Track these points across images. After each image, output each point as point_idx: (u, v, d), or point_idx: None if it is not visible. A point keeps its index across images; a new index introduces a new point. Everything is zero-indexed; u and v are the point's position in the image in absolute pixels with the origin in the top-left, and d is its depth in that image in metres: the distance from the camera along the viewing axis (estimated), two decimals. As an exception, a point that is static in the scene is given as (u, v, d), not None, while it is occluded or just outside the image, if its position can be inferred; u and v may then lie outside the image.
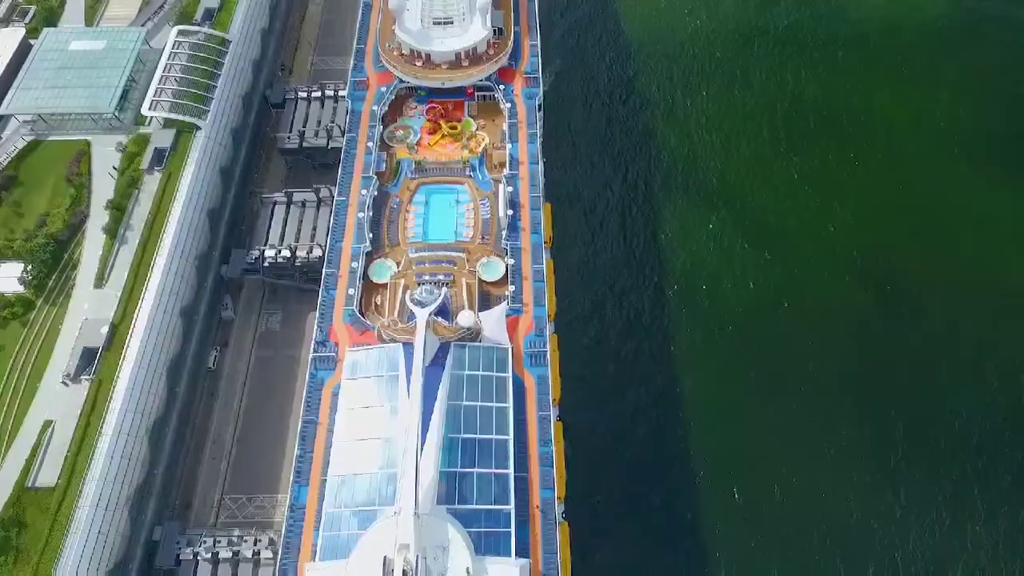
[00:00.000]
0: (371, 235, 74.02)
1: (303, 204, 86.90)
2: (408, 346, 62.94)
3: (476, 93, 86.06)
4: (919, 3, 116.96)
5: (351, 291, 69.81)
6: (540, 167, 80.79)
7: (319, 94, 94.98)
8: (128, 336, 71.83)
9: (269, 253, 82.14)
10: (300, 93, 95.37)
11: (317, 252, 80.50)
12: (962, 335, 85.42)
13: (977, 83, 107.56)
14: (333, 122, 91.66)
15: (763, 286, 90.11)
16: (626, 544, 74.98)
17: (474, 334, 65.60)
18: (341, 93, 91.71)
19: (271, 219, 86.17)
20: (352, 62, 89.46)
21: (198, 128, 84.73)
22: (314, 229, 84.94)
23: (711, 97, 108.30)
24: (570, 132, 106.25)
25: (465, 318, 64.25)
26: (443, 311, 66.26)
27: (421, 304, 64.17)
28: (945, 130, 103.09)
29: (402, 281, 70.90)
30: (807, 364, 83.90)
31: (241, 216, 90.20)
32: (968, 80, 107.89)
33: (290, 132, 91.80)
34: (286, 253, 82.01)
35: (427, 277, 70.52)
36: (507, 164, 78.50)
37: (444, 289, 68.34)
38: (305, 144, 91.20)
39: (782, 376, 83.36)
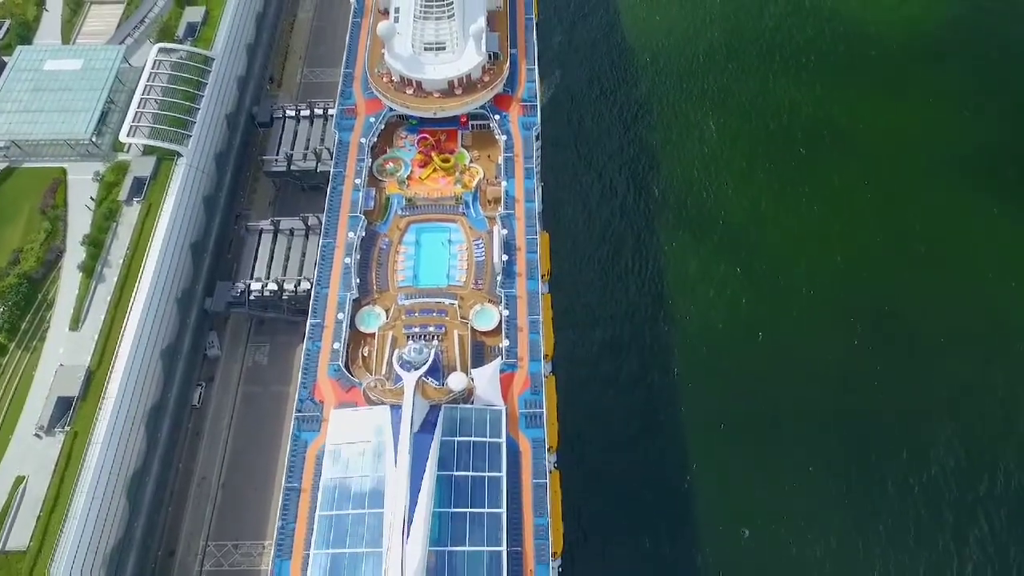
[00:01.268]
0: (358, 280, 70.12)
1: (291, 232, 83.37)
2: (396, 409, 59.55)
3: (470, 121, 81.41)
4: (941, 21, 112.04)
5: (336, 345, 66.03)
6: (537, 199, 76.68)
7: (308, 112, 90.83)
8: (105, 384, 68.78)
9: (255, 287, 78.94)
10: (288, 111, 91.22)
11: (305, 285, 77.14)
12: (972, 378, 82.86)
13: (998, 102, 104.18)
14: (322, 143, 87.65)
15: (773, 331, 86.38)
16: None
17: (466, 395, 62.09)
18: (330, 111, 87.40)
19: (257, 249, 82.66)
20: (339, 87, 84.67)
21: (179, 155, 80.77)
22: (303, 257, 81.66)
23: (723, 116, 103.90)
24: (576, 153, 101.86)
25: (456, 381, 60.34)
26: (434, 369, 62.51)
27: (410, 366, 60.38)
28: (963, 156, 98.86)
29: (391, 333, 67.18)
30: (819, 409, 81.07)
31: (226, 245, 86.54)
32: (986, 99, 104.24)
33: (277, 155, 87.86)
34: (273, 287, 78.77)
35: (416, 329, 66.82)
36: (503, 202, 74.41)
37: (435, 345, 64.63)
38: (293, 167, 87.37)
39: (793, 421, 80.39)
